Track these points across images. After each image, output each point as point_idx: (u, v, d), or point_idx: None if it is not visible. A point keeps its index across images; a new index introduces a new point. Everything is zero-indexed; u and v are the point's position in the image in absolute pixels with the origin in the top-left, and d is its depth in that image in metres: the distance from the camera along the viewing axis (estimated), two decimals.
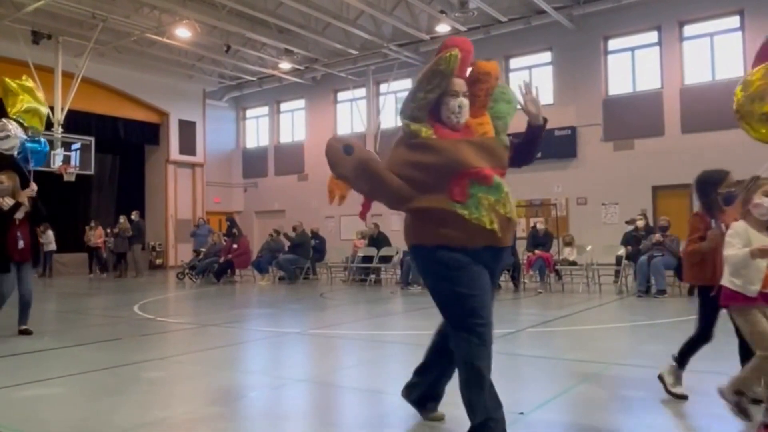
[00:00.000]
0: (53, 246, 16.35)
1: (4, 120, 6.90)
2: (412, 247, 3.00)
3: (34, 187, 6.60)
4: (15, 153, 6.99)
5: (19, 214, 6.35)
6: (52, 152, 15.49)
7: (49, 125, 15.52)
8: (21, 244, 6.32)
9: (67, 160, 15.90)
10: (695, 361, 5.01)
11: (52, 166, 15.36)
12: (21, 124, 7.02)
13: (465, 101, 2.91)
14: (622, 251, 10.74)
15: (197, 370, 4.99)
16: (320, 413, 3.86)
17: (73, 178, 15.71)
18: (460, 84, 2.91)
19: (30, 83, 7.28)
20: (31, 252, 6.53)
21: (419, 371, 3.44)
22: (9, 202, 6.33)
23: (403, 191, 2.83)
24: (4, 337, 6.27)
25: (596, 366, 4.77)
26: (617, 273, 10.88)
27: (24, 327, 6.40)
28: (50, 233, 16.04)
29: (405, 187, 2.82)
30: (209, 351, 5.83)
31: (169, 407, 3.92)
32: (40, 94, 7.36)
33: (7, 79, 7.23)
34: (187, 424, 3.60)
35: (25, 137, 6.96)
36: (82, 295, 12.19)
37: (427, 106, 2.87)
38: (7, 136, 6.80)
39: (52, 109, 15.55)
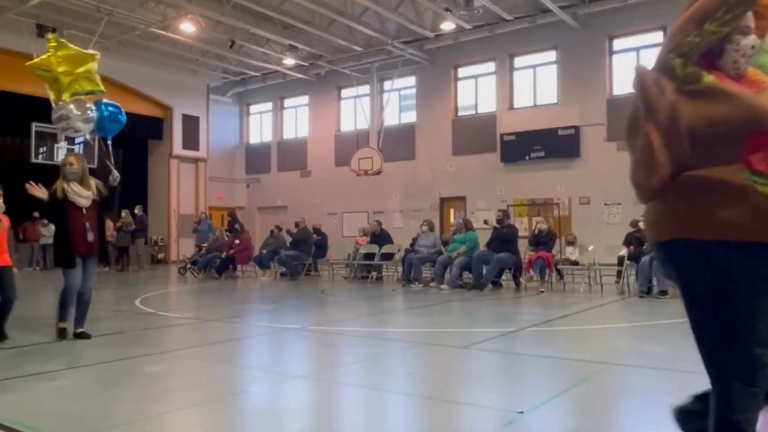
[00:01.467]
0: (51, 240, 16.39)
1: (62, 106, 6.20)
2: (673, 243, 2.13)
3: (116, 174, 5.99)
4: (87, 136, 6.46)
5: (86, 202, 5.73)
6: (56, 145, 15.51)
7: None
8: (90, 236, 5.69)
9: (70, 153, 15.90)
10: (689, 363, 5.00)
11: (55, 159, 15.37)
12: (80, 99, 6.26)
13: (758, 40, 2.13)
14: (624, 251, 10.72)
15: (198, 365, 5.00)
16: (320, 410, 3.86)
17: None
18: (750, 18, 2.12)
19: (53, 47, 6.25)
20: (98, 245, 5.90)
21: (701, 397, 2.34)
22: (75, 189, 5.70)
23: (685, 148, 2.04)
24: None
25: (597, 366, 4.77)
26: (619, 273, 10.86)
27: (81, 330, 5.82)
28: (52, 227, 16.06)
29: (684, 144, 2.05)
30: (210, 346, 5.83)
31: (170, 401, 3.92)
32: (72, 51, 6.37)
33: (36, 69, 6.32)
34: (187, 418, 3.60)
35: (85, 114, 6.25)
36: None
37: (711, 44, 2.07)
38: (65, 118, 6.13)
39: (55, 102, 15.59)
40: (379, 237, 13.76)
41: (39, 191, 5.60)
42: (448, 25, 16.29)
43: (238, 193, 23.14)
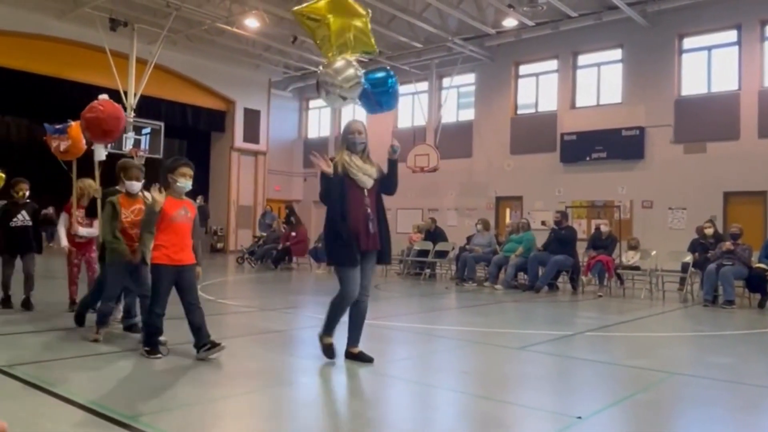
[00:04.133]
0: None
1: (347, 59, 4.91)
2: None
3: (396, 144, 4.60)
4: (357, 101, 5.14)
5: (369, 182, 4.51)
6: (124, 135, 16.12)
7: (122, 109, 16.20)
8: (372, 226, 4.47)
9: (137, 143, 16.52)
10: (757, 377, 4.78)
11: (123, 148, 15.98)
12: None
13: None
14: (688, 258, 10.34)
15: (254, 353, 5.10)
16: (371, 404, 3.88)
17: (142, 161, 16.26)
18: None
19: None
20: (381, 240, 4.55)
21: None
22: (359, 166, 4.49)
23: None
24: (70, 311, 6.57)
25: (658, 375, 4.61)
26: (682, 280, 10.47)
27: (358, 349, 4.70)
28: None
29: None
30: (266, 334, 5.95)
31: (227, 387, 4.02)
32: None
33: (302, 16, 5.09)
34: (244, 403, 3.69)
35: (363, 77, 5.01)
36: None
37: None
38: (356, 84, 4.82)
39: (125, 93, 16.23)
40: (434, 234, 13.71)
41: (324, 164, 4.47)
42: (510, 22, 16.05)
43: (295, 186, 23.50)
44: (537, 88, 17.67)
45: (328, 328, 4.73)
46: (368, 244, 4.49)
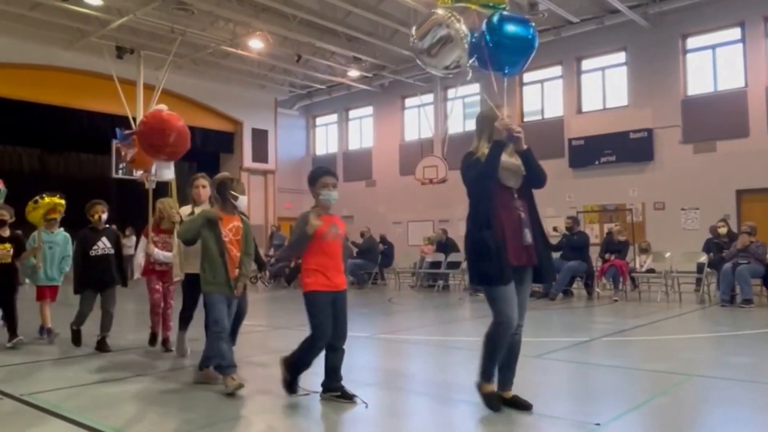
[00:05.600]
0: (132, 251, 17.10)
1: (441, 12, 4.02)
2: None
3: (511, 131, 3.80)
4: (459, 63, 4.08)
5: (516, 181, 3.80)
6: None
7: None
8: (528, 236, 3.63)
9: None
10: None
11: (134, 174, 16.13)
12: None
13: None
14: (703, 258, 10.24)
15: (270, 372, 5.09)
16: (389, 418, 3.86)
17: (154, 186, 16.37)
18: None
19: None
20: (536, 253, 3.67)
21: None
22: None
23: None
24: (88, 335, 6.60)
25: (677, 377, 4.56)
26: (698, 281, 10.38)
27: (512, 393, 3.77)
28: (134, 238, 16.77)
29: None
30: (281, 353, 5.93)
31: (244, 406, 4.02)
32: None
33: None
34: (262, 423, 3.68)
35: (468, 37, 3.99)
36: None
37: None
38: (449, 41, 3.93)
39: (134, 119, 16.40)
40: (445, 245, 13.69)
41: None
42: None
43: (305, 203, 23.31)
44: (542, 94, 17.66)
45: (486, 371, 3.75)
46: (522, 258, 3.60)
